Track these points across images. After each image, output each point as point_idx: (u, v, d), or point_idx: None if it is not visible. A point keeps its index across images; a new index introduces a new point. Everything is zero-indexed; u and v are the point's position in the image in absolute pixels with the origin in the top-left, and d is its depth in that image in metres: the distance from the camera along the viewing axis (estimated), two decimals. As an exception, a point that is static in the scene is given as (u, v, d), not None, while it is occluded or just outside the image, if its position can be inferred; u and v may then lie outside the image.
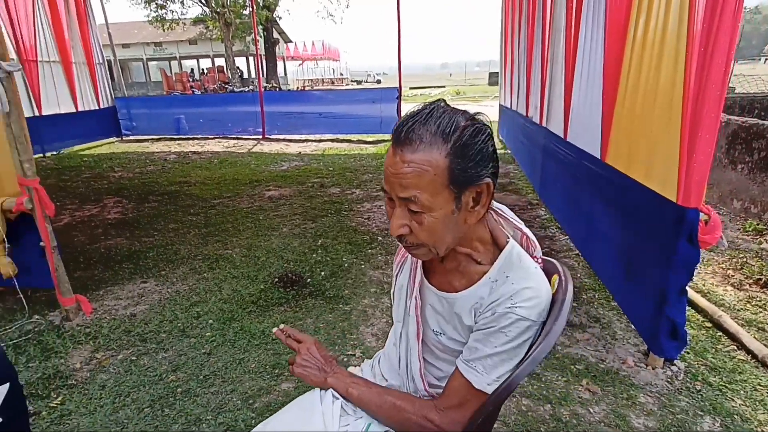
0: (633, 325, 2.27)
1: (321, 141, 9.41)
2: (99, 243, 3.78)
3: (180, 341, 2.32)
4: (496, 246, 0.84)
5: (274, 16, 22.28)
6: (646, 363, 2.02)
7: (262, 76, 12.25)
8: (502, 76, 8.22)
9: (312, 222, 4.15)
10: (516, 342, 0.77)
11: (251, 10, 12.23)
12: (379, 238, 3.71)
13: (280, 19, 24.60)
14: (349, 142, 9.24)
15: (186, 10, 22.18)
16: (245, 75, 29.47)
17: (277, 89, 18.88)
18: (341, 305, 2.65)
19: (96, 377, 2.05)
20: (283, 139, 9.62)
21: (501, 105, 8.37)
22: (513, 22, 6.59)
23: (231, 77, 20.37)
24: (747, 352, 2.08)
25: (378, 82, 46.46)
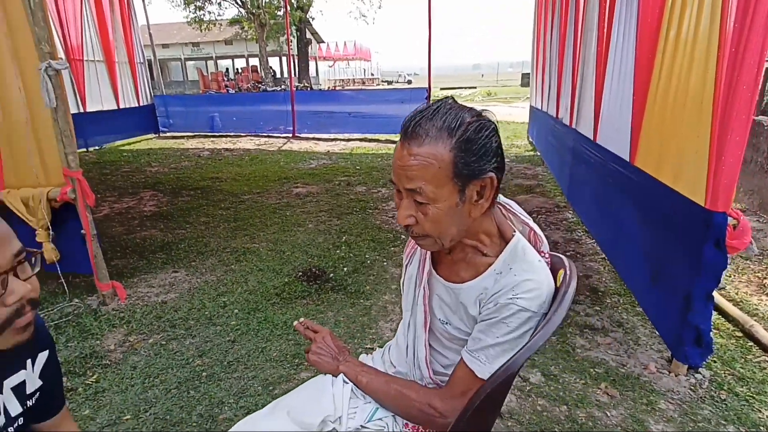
0: (657, 331, 2.22)
1: (349, 140, 9.51)
2: (135, 234, 3.96)
3: (206, 328, 2.42)
4: (502, 239, 0.86)
5: (307, 16, 22.63)
6: (669, 370, 1.98)
7: (294, 75, 12.47)
8: (533, 77, 8.09)
9: (337, 219, 4.22)
10: (517, 332, 0.79)
11: (285, 10, 12.45)
12: (402, 236, 3.74)
13: (313, 20, 24.99)
14: (377, 141, 9.30)
15: (223, 11, 22.84)
16: (278, 75, 30.07)
17: (309, 89, 19.17)
18: (362, 300, 2.70)
19: (128, 359, 2.17)
20: (313, 138, 9.77)
21: (531, 106, 8.25)
22: (545, 21, 6.49)
23: (264, 77, 20.82)
24: (778, 363, 2.01)
25: (409, 82, 46.38)
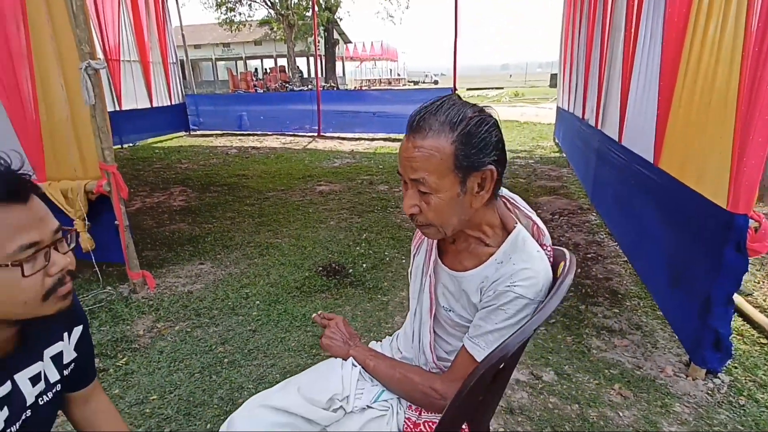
0: (676, 335, 2.19)
1: (373, 140, 9.58)
2: (164, 227, 4.13)
3: (229, 318, 2.52)
4: (504, 230, 0.90)
5: (335, 17, 22.85)
6: (686, 373, 1.95)
7: (320, 75, 12.64)
8: (560, 77, 7.98)
9: (358, 217, 4.29)
10: (515, 319, 0.82)
11: (313, 11, 12.63)
12: (422, 234, 3.77)
13: (341, 21, 25.18)
14: (401, 141, 9.33)
15: (253, 12, 23.33)
16: (305, 75, 30.46)
17: (335, 89, 19.37)
18: (379, 296, 2.75)
19: (156, 344, 2.28)
20: (337, 137, 9.89)
21: (558, 107, 8.13)
22: (573, 21, 6.40)
23: (292, 77, 21.15)
24: (804, 371, 1.95)
25: (435, 83, 46.21)
